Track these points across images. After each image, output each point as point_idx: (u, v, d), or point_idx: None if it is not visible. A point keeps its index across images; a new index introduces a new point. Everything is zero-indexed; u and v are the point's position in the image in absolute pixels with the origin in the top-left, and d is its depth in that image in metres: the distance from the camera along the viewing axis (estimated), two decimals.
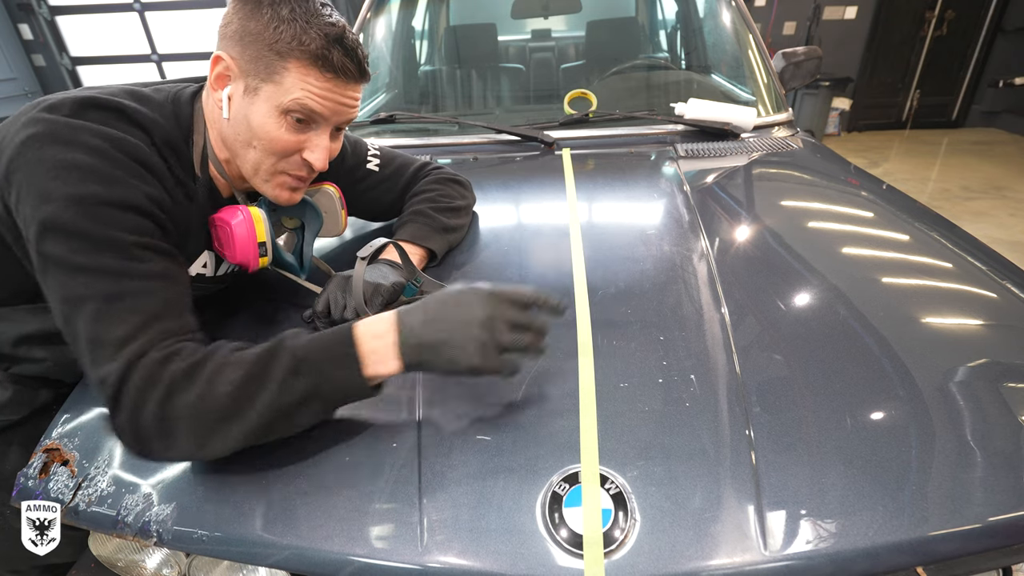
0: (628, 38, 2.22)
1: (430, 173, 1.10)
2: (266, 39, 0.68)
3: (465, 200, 1.09)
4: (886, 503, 0.57)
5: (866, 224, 1.11)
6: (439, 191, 1.06)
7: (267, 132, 0.71)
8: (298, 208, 0.89)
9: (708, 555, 0.55)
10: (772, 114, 1.58)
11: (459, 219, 1.05)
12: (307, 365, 0.62)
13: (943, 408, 0.67)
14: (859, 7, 5.59)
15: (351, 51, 0.71)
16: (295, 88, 0.69)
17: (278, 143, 0.72)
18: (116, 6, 5.73)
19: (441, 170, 1.11)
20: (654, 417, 0.66)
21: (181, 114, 0.75)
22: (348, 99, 0.74)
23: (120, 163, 0.64)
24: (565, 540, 0.56)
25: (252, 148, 0.73)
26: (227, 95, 0.71)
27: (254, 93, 0.70)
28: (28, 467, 0.67)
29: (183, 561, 0.68)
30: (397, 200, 1.08)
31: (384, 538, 0.58)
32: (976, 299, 0.86)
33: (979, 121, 6.03)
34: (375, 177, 1.05)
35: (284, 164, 0.75)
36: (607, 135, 1.47)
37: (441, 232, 1.00)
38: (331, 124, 0.75)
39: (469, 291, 0.66)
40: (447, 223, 1.01)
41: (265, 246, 0.79)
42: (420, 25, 2.28)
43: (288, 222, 0.90)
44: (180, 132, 0.74)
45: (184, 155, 0.75)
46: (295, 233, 0.91)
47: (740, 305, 0.83)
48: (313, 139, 0.75)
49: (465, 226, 1.08)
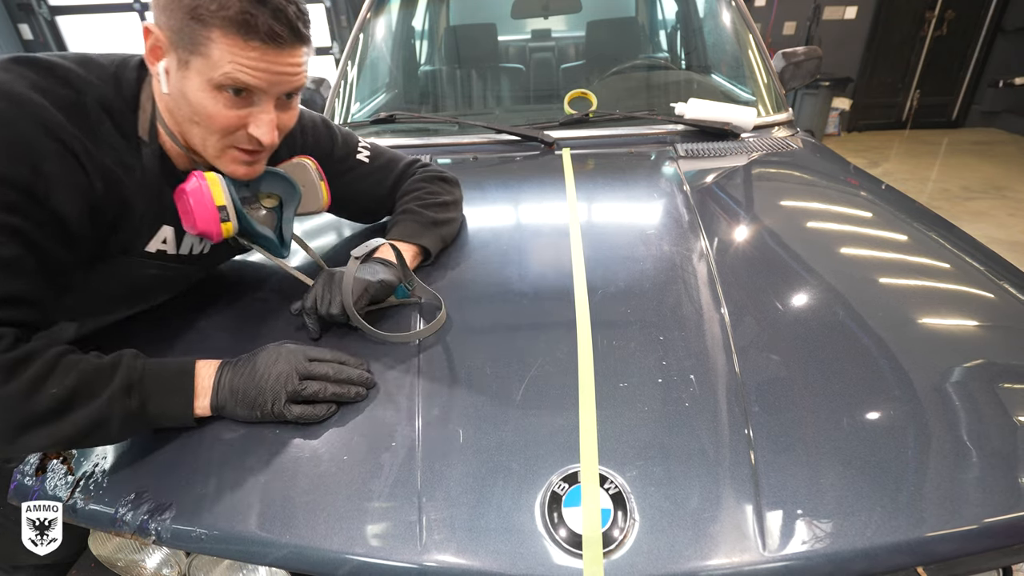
0: (628, 38, 2.22)
1: (418, 171, 1.08)
2: (186, 6, 0.63)
3: (453, 196, 1.07)
4: (885, 503, 0.57)
5: (865, 224, 1.11)
6: (427, 188, 1.04)
7: (205, 109, 0.67)
8: (273, 183, 0.85)
9: (707, 555, 0.55)
10: (772, 114, 1.58)
11: (449, 214, 1.03)
12: (142, 387, 0.65)
13: (941, 409, 0.67)
14: (859, 7, 5.59)
15: (279, 13, 0.64)
16: (223, 61, 0.64)
17: (218, 120, 0.68)
18: (116, 6, 5.73)
19: (429, 168, 1.10)
20: (654, 417, 0.66)
21: (124, 78, 0.71)
22: (287, 67, 0.68)
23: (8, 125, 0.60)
24: (564, 540, 0.56)
25: (196, 124, 0.69)
26: (163, 69, 0.67)
27: (186, 67, 0.65)
28: (24, 464, 0.67)
29: (183, 561, 0.68)
30: (387, 196, 1.06)
31: (383, 537, 0.58)
32: (974, 300, 0.86)
33: (979, 121, 6.03)
34: (364, 168, 1.03)
35: (231, 140, 0.72)
36: (607, 135, 1.47)
37: (432, 227, 0.98)
38: (273, 95, 0.70)
39: (276, 348, 0.72)
40: (437, 218, 0.99)
41: (226, 210, 0.74)
42: (420, 25, 2.28)
43: (266, 200, 0.86)
44: (121, 96, 0.70)
45: (125, 119, 0.71)
46: (274, 212, 0.87)
47: (740, 305, 0.83)
48: (256, 113, 0.70)
49: (456, 221, 1.06)
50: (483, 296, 0.92)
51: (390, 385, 0.74)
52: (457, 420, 0.68)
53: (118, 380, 0.64)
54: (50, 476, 0.66)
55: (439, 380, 0.74)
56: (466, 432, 0.66)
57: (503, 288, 0.92)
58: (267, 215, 0.86)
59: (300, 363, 0.70)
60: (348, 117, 1.69)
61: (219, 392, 0.68)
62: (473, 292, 0.93)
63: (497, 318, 0.87)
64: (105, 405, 0.62)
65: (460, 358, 0.77)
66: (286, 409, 0.67)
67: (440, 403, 0.70)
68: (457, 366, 0.76)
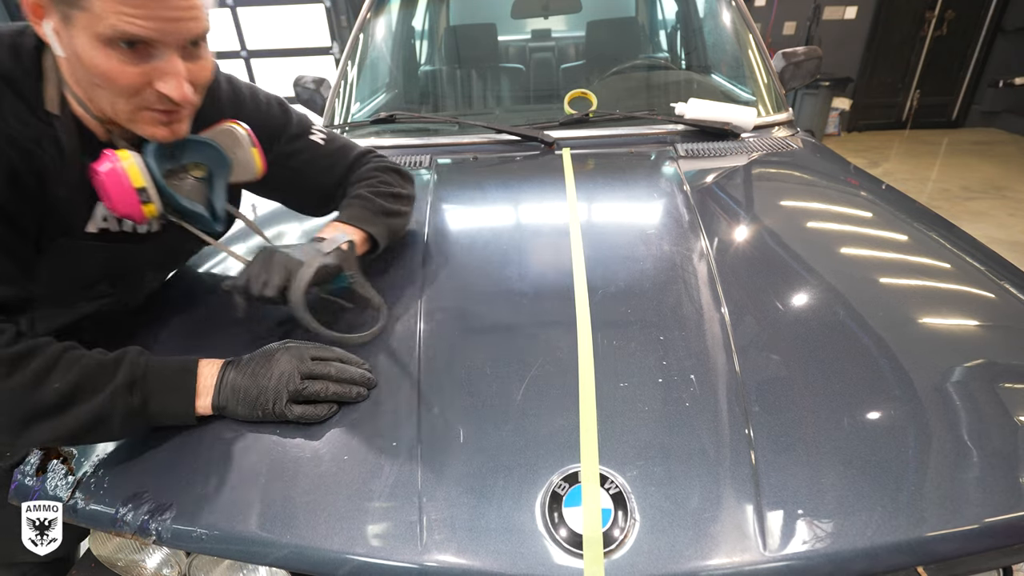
0: (628, 38, 2.22)
1: (372, 160, 1.04)
2: None
3: (406, 190, 1.03)
4: (885, 503, 0.57)
5: (865, 224, 1.11)
6: (380, 177, 1.00)
7: (99, 68, 0.61)
8: (199, 152, 0.78)
9: (707, 555, 0.55)
10: (772, 114, 1.58)
11: (400, 205, 0.99)
12: (145, 384, 0.65)
13: (942, 408, 0.67)
14: (859, 7, 5.59)
15: None
16: (106, 12, 0.57)
17: (118, 80, 0.61)
18: None
19: (383, 159, 1.06)
20: (654, 417, 0.66)
21: (23, 46, 0.66)
22: (177, 10, 0.61)
23: None
24: (565, 540, 0.56)
25: (98, 87, 0.63)
26: (51, 30, 0.61)
27: (70, 24, 0.59)
28: (25, 464, 0.67)
29: (183, 561, 0.68)
30: (338, 184, 1.00)
31: (384, 537, 0.58)
32: (974, 299, 0.86)
33: (979, 121, 6.03)
34: (318, 150, 0.97)
35: (140, 101, 0.65)
36: (607, 135, 1.47)
37: (381, 216, 0.93)
38: (172, 45, 0.63)
39: (279, 346, 0.72)
40: (388, 208, 0.95)
41: (146, 191, 0.69)
42: (420, 25, 2.29)
43: (194, 171, 0.79)
44: (21, 66, 0.65)
45: (28, 89, 0.65)
46: (204, 183, 0.80)
47: (740, 305, 0.83)
48: (160, 67, 0.63)
49: (407, 216, 1.02)
50: (483, 296, 0.92)
51: (391, 385, 0.74)
52: (457, 420, 0.68)
53: (121, 376, 0.64)
54: (50, 476, 0.66)
55: (439, 379, 0.74)
56: (466, 432, 0.66)
57: (503, 288, 0.92)
58: (196, 187, 0.79)
59: (302, 362, 0.70)
60: (348, 117, 1.69)
61: (221, 391, 0.68)
62: (473, 292, 0.92)
63: (497, 318, 0.87)
64: (107, 401, 0.62)
65: (460, 358, 0.77)
66: (287, 409, 0.67)
67: (440, 403, 0.70)
68: (457, 366, 0.76)
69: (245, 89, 0.91)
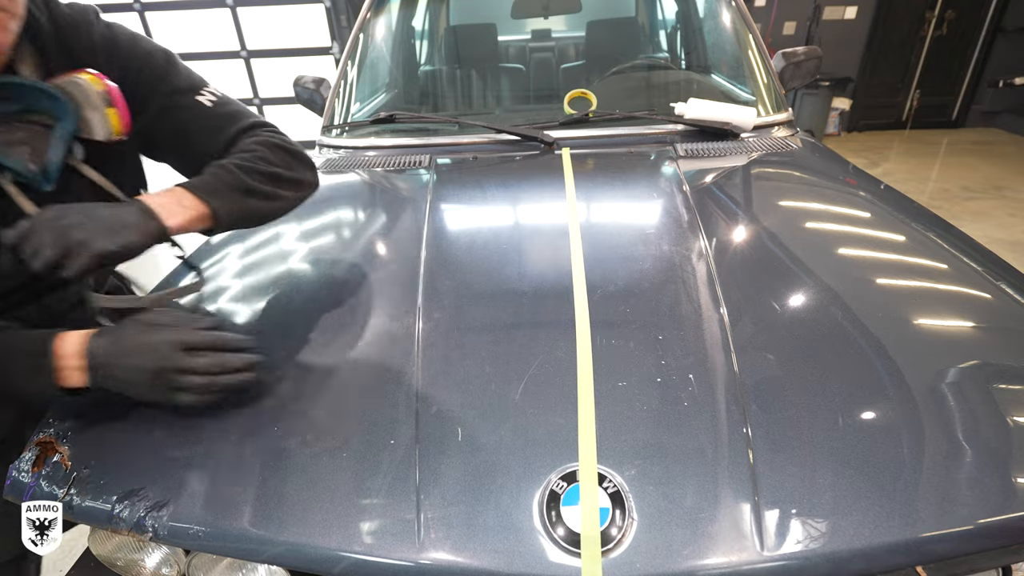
0: (628, 38, 2.23)
1: (262, 133, 0.89)
2: None
3: (292, 172, 0.88)
4: (883, 503, 0.57)
5: (864, 225, 1.11)
6: (260, 153, 0.85)
7: None
8: (36, 100, 0.71)
9: (705, 554, 0.55)
10: (772, 114, 1.58)
11: (275, 189, 0.85)
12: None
13: (939, 409, 0.67)
14: (859, 7, 5.59)
15: None
16: None
17: None
18: (116, 6, 5.72)
19: (278, 134, 0.91)
20: (652, 416, 0.67)
21: None
22: None
23: None
24: (563, 538, 0.56)
25: None
26: None
27: None
28: (20, 460, 0.67)
29: (182, 560, 0.68)
30: (222, 151, 0.87)
31: (381, 534, 0.58)
32: (972, 300, 0.86)
33: (979, 121, 6.03)
34: (204, 110, 0.86)
35: None
36: (607, 135, 1.47)
37: (237, 192, 0.80)
38: None
39: (147, 332, 0.67)
40: (251, 185, 0.81)
41: None
42: (420, 25, 2.29)
43: (34, 118, 0.71)
44: None
45: None
46: (46, 135, 0.72)
47: (738, 305, 0.83)
48: None
49: (282, 203, 0.88)
50: (482, 295, 0.92)
51: (389, 383, 0.74)
52: (456, 418, 0.68)
53: None
54: (46, 472, 0.66)
55: (438, 378, 0.74)
56: (464, 430, 0.66)
57: (502, 287, 0.92)
58: (28, 139, 0.71)
59: (175, 359, 0.65)
60: (348, 117, 1.69)
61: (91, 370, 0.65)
62: (472, 291, 0.93)
63: (496, 317, 0.87)
64: None
65: (459, 356, 0.77)
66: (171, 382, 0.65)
67: (439, 401, 0.71)
68: (456, 365, 0.76)
69: (126, 34, 0.84)
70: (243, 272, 1.03)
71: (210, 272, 1.03)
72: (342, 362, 0.78)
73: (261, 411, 0.71)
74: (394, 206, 1.25)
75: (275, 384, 0.75)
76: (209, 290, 0.97)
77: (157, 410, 0.71)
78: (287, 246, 1.11)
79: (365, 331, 0.83)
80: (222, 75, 5.96)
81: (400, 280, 0.94)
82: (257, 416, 0.70)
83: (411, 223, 1.13)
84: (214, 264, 1.06)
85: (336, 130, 1.61)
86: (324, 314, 0.88)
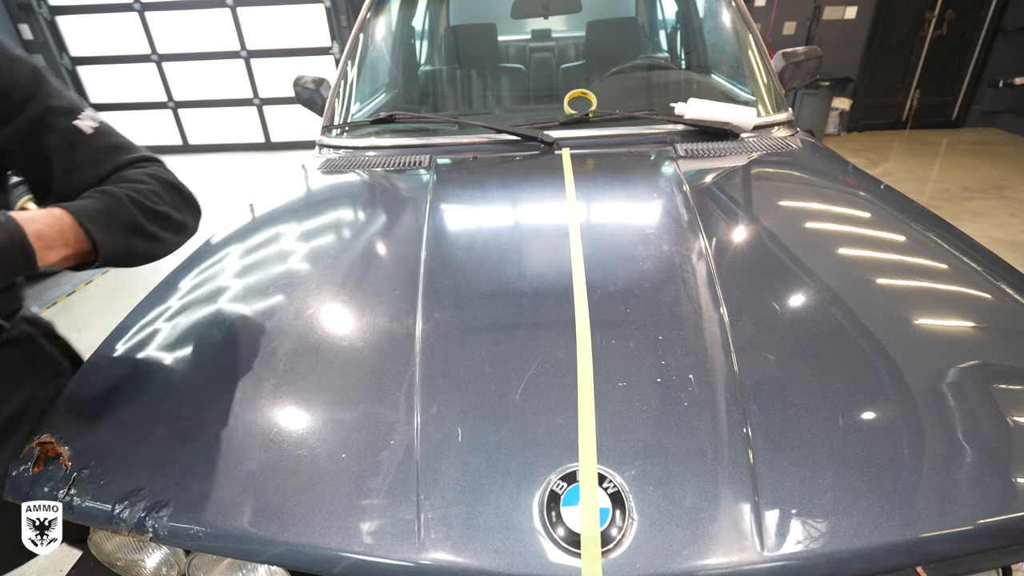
0: (628, 38, 2.23)
1: (152, 167, 0.80)
2: None
3: (179, 215, 0.79)
4: (883, 503, 0.57)
5: (864, 225, 1.11)
6: (151, 187, 0.76)
7: None
8: None
9: (705, 554, 0.55)
10: (772, 114, 1.58)
11: (159, 228, 0.76)
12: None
13: (939, 409, 0.67)
14: (859, 7, 5.59)
15: None
16: None
17: None
18: (116, 6, 5.73)
19: (170, 173, 0.82)
20: (652, 416, 0.66)
21: None
22: None
23: None
24: (563, 539, 0.56)
25: None
26: None
27: None
28: (20, 461, 0.67)
29: (182, 560, 0.68)
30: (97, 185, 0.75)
31: (381, 535, 0.58)
32: (972, 300, 0.86)
33: (979, 121, 6.03)
34: (80, 139, 0.74)
35: None
36: (607, 135, 1.47)
37: (124, 229, 0.71)
38: None
39: None
40: (138, 222, 0.72)
41: None
42: (420, 25, 2.29)
43: None
44: None
45: None
46: None
47: (738, 305, 0.83)
48: None
49: (162, 246, 0.78)
50: (482, 295, 0.92)
51: (388, 383, 0.74)
52: (456, 419, 0.68)
53: None
54: (46, 473, 0.66)
55: (438, 378, 0.74)
56: (465, 431, 0.66)
57: (502, 287, 0.92)
58: None
59: None
60: (348, 117, 1.69)
61: None
62: (472, 291, 0.92)
63: (496, 317, 0.87)
64: None
65: (459, 357, 0.77)
66: None
67: (439, 402, 0.70)
68: (456, 365, 0.76)
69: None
70: (243, 272, 1.03)
71: (210, 272, 1.03)
72: (342, 362, 0.78)
73: (261, 411, 0.71)
74: (394, 206, 1.25)
75: (275, 384, 0.75)
76: (209, 290, 0.97)
77: (157, 411, 0.71)
78: (287, 246, 1.11)
79: (365, 331, 0.83)
80: (222, 75, 5.97)
81: (400, 280, 0.94)
82: (257, 416, 0.70)
83: (411, 223, 1.13)
84: (214, 264, 1.06)
85: (336, 130, 1.61)
86: (324, 314, 0.88)
